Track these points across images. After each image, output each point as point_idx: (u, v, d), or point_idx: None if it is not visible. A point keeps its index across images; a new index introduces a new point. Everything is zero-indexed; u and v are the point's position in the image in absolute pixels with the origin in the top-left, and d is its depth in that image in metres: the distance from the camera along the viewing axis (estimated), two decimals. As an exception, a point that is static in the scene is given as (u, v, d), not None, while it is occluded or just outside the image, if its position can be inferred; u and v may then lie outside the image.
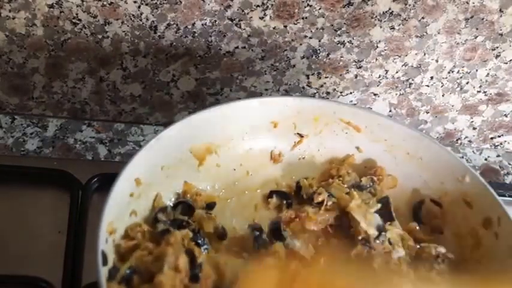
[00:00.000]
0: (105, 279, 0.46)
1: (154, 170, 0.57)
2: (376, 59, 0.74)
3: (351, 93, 0.77)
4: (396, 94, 0.79)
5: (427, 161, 0.62)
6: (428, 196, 0.63)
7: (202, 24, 0.68)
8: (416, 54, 0.74)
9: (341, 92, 0.77)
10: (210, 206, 0.60)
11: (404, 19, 0.70)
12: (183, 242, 0.52)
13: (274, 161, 0.65)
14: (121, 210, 0.52)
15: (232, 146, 0.63)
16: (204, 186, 0.61)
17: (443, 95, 0.79)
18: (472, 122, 0.83)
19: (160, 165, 0.57)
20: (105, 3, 0.65)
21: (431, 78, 0.77)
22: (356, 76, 0.76)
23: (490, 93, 0.80)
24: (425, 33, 0.72)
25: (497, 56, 0.76)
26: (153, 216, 0.56)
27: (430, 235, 0.61)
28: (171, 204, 0.58)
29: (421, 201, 0.63)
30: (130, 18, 0.66)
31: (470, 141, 0.86)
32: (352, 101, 0.78)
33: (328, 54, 0.73)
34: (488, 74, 0.78)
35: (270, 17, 0.68)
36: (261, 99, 0.68)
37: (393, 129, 0.64)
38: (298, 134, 0.65)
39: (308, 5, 0.67)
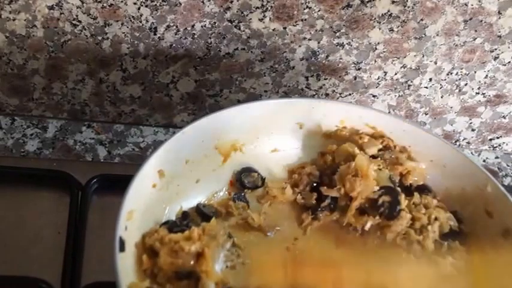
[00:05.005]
0: (120, 265, 0.46)
1: (178, 163, 0.57)
2: (375, 61, 0.74)
3: (350, 94, 0.78)
4: (395, 96, 0.79)
5: (451, 169, 0.62)
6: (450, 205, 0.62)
7: (202, 26, 0.68)
8: (415, 56, 0.74)
9: (340, 94, 0.77)
10: None
11: (403, 21, 0.70)
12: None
13: None
14: (142, 199, 0.53)
15: (258, 145, 0.64)
16: (226, 182, 0.62)
17: (442, 97, 0.80)
18: (471, 123, 0.84)
19: (184, 158, 0.58)
20: (105, 4, 0.65)
21: (430, 80, 0.77)
22: (355, 78, 0.76)
23: (489, 95, 0.80)
24: (424, 35, 0.72)
25: (495, 58, 0.76)
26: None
27: None
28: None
29: None
30: (130, 20, 0.66)
31: (468, 142, 0.86)
32: (351, 103, 0.78)
33: (327, 56, 0.73)
34: (486, 75, 0.78)
35: (270, 18, 0.68)
36: (289, 99, 0.70)
37: (418, 135, 0.63)
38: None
39: (307, 6, 0.68)
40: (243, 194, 0.61)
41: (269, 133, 0.64)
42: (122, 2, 0.65)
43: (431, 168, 0.63)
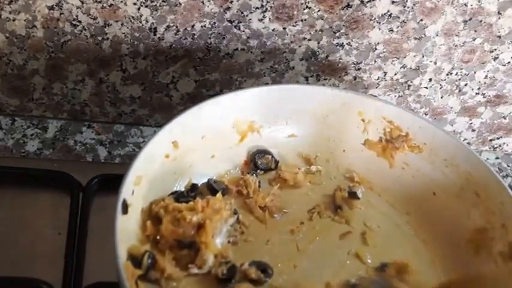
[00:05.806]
0: (120, 227, 0.47)
1: (194, 138, 0.58)
2: (375, 61, 0.74)
3: (349, 95, 0.78)
4: (395, 96, 0.79)
5: (464, 170, 0.61)
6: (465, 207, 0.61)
7: (202, 26, 0.68)
8: (414, 56, 0.74)
9: (340, 94, 0.77)
10: None
11: (403, 21, 0.70)
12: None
13: None
14: (153, 167, 0.54)
15: (275, 128, 0.64)
16: (240, 162, 0.63)
17: (441, 97, 0.80)
18: (471, 124, 0.84)
19: (201, 134, 0.59)
20: (105, 5, 0.65)
21: (430, 80, 0.77)
22: (355, 78, 0.76)
23: (489, 95, 0.80)
24: (423, 36, 0.72)
25: (495, 58, 0.76)
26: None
27: None
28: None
29: None
30: (130, 20, 0.66)
31: (469, 143, 0.86)
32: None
33: (327, 56, 0.73)
34: (486, 76, 0.78)
35: (269, 19, 0.68)
36: (309, 86, 0.70)
37: (434, 133, 0.63)
38: None
39: (307, 7, 0.68)
40: (255, 175, 0.62)
41: (287, 118, 0.65)
42: (121, 2, 0.65)
43: (445, 167, 0.63)
